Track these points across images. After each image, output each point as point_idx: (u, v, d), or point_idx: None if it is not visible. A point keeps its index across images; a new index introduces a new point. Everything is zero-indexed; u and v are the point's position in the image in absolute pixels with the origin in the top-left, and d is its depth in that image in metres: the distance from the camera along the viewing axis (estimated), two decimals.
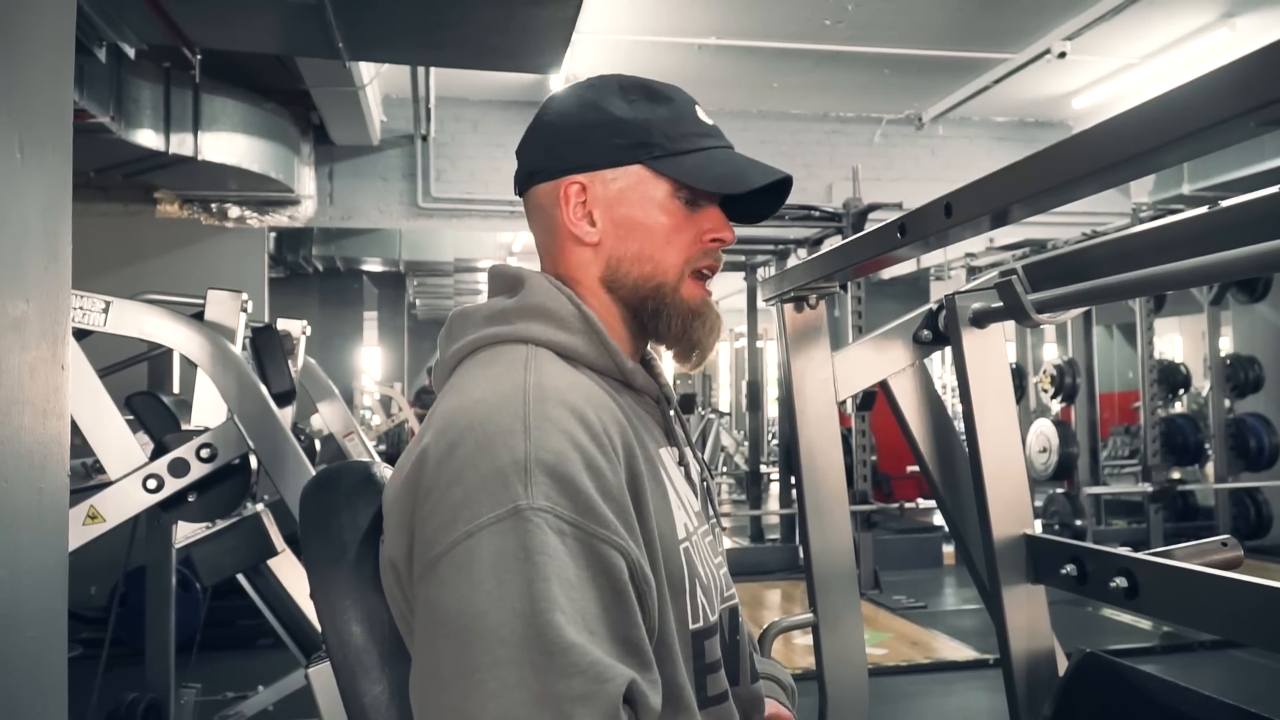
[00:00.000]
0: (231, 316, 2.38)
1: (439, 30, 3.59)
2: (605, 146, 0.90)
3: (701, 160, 0.91)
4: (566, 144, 0.92)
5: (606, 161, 0.91)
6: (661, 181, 0.91)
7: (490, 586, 0.66)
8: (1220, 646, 4.38)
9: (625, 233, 0.91)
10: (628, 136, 0.90)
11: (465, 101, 6.56)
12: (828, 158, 7.02)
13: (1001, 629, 1.48)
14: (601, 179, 0.91)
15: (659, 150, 0.90)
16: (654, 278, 0.91)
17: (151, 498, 2.00)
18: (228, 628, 4.35)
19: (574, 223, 0.91)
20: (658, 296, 0.91)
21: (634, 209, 0.91)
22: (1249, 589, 1.08)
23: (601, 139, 0.91)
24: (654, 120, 0.91)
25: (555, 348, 0.87)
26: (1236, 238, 1.05)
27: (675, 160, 0.90)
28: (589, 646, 0.65)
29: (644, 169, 0.90)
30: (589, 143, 0.91)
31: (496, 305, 0.90)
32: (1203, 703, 1.19)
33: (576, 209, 0.91)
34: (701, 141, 0.93)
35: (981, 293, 1.49)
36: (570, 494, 0.71)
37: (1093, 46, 5.59)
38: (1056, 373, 6.79)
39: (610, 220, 0.91)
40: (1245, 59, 0.61)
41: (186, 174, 5.43)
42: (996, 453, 1.49)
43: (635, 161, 0.90)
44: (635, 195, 0.91)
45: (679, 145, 0.91)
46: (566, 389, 0.81)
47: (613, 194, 0.91)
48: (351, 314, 10.31)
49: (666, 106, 0.93)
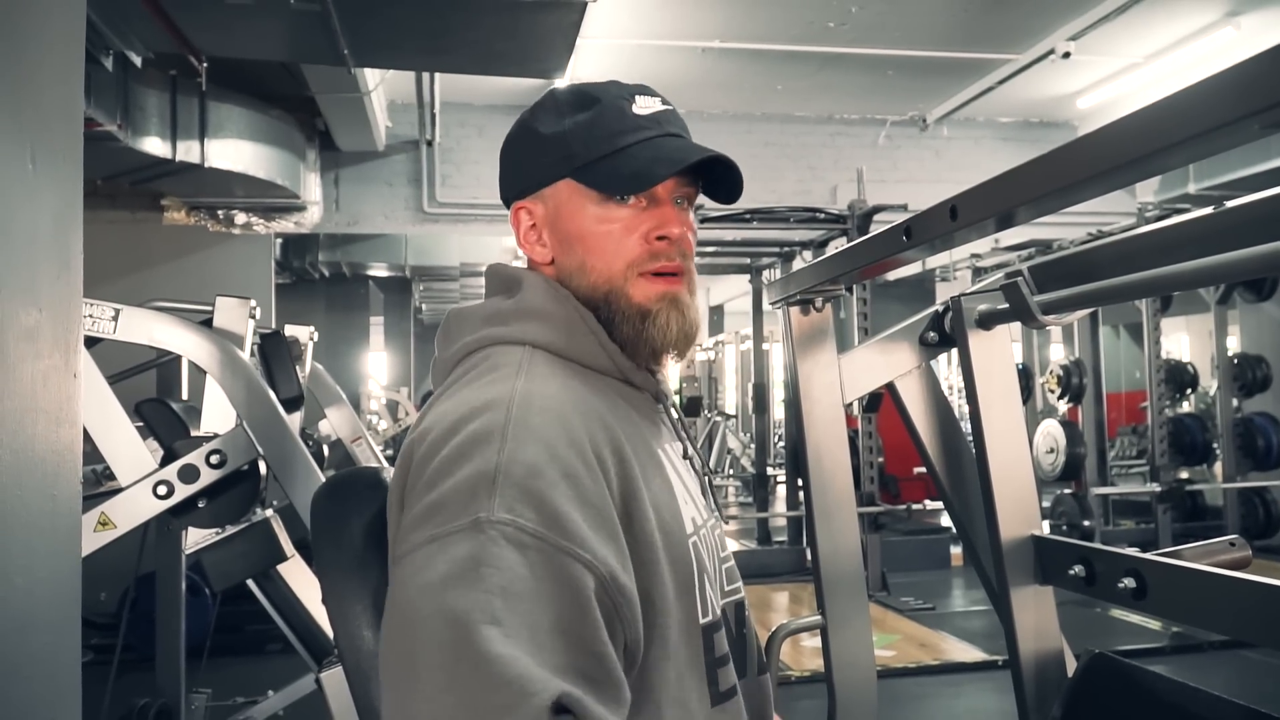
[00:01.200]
0: (240, 323, 2.39)
1: (444, 36, 3.60)
2: (534, 167, 0.93)
3: (618, 161, 0.90)
4: (510, 170, 0.97)
5: (537, 181, 0.93)
6: (589, 190, 0.91)
7: (436, 593, 0.67)
8: (1229, 647, 4.36)
9: (567, 247, 0.92)
10: (550, 153, 0.92)
11: (470, 107, 6.58)
12: (832, 160, 7.02)
13: (1010, 630, 1.48)
14: (542, 198, 0.93)
15: (579, 160, 0.91)
16: (600, 286, 0.91)
17: (162, 504, 2.01)
18: (237, 633, 4.36)
19: (528, 246, 0.94)
20: (608, 303, 0.91)
21: (569, 223, 0.92)
22: (1257, 589, 1.08)
23: (531, 160, 0.93)
24: (573, 130, 0.91)
25: (553, 349, 0.88)
26: (1243, 238, 1.05)
27: (594, 167, 0.90)
28: (518, 659, 0.64)
29: (571, 182, 0.91)
30: (523, 166, 0.94)
31: (494, 306, 0.92)
32: (1212, 703, 1.19)
33: (528, 233, 0.94)
34: (624, 139, 0.90)
35: (988, 294, 1.49)
36: (536, 505, 0.71)
37: (1097, 46, 5.59)
38: (1063, 373, 6.78)
39: (555, 237, 0.93)
40: (1250, 61, 0.61)
41: (193, 181, 5.45)
42: (1003, 454, 1.49)
43: (561, 176, 0.92)
44: (568, 209, 0.92)
45: (598, 150, 0.90)
46: (554, 395, 0.81)
47: (551, 211, 0.93)
48: (358, 319, 10.34)
49: (589, 111, 0.92)
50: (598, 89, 0.94)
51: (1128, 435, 8.75)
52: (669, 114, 0.94)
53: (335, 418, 3.65)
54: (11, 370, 0.98)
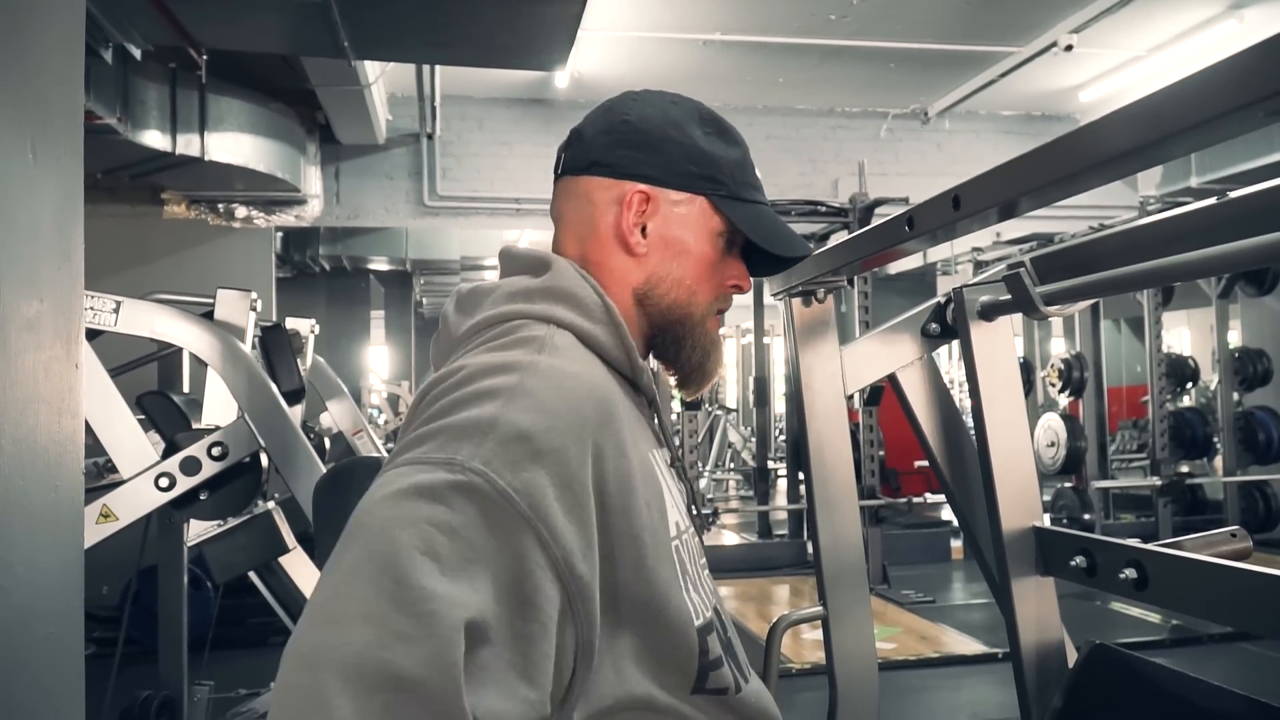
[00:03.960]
0: (241, 315, 2.39)
1: (444, 29, 3.59)
2: (680, 168, 0.92)
3: (756, 213, 0.95)
4: (644, 150, 0.92)
5: (677, 183, 0.93)
6: (717, 218, 0.94)
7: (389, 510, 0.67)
8: (1230, 639, 4.37)
9: (673, 255, 0.93)
10: (702, 167, 0.93)
11: (470, 100, 6.57)
12: (833, 153, 7.01)
13: (1011, 622, 1.48)
14: (666, 197, 0.93)
15: (724, 190, 0.93)
16: (686, 306, 0.94)
17: (164, 496, 2.02)
18: (239, 626, 4.37)
19: (630, 230, 0.92)
20: (685, 324, 0.94)
21: (687, 235, 0.93)
22: (1259, 579, 1.08)
23: (679, 159, 0.92)
24: (726, 160, 0.94)
25: (577, 332, 0.86)
26: (1245, 229, 1.05)
27: (734, 205, 0.94)
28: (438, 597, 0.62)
29: (706, 202, 0.93)
30: (666, 158, 0.92)
31: (519, 284, 0.89)
32: (1213, 693, 1.19)
33: (637, 216, 0.92)
34: (757, 195, 0.97)
35: (989, 285, 1.49)
36: (512, 467, 0.70)
37: (1100, 39, 5.58)
38: (1064, 366, 6.77)
39: (661, 238, 0.93)
40: (1253, 49, 0.61)
41: (193, 175, 5.45)
42: (1005, 445, 1.49)
43: (702, 193, 0.93)
44: (693, 223, 0.93)
45: (741, 192, 0.95)
46: (572, 375, 0.80)
47: (672, 215, 0.93)
48: (358, 313, 10.33)
49: (737, 151, 0.96)
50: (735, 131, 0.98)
51: (1128, 429, 8.75)
52: None
53: (336, 410, 3.65)
54: (13, 361, 0.98)
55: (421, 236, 8.92)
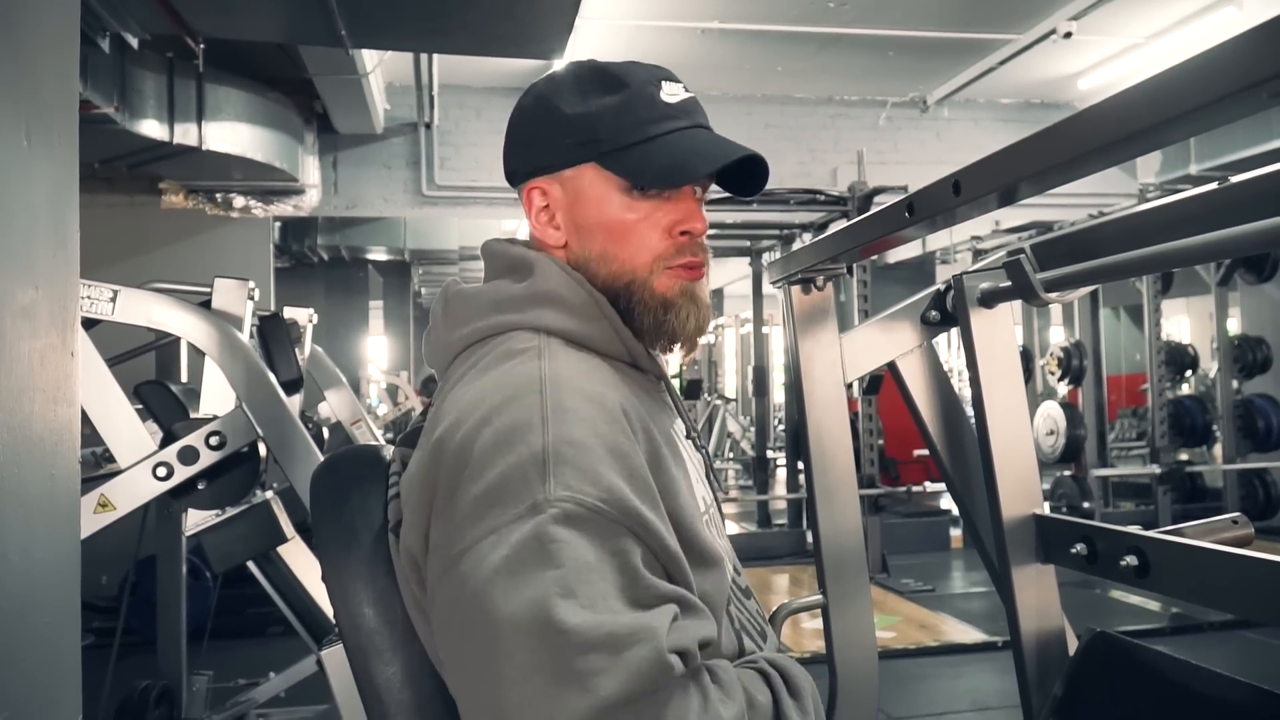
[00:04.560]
0: (239, 304, 2.38)
1: (442, 17, 3.57)
2: (556, 147, 0.89)
3: (649, 151, 0.87)
4: (525, 146, 0.91)
5: (560, 162, 0.89)
6: (614, 178, 0.88)
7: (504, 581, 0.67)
8: (1230, 627, 4.38)
9: (586, 234, 0.89)
10: (575, 135, 0.88)
11: (468, 89, 6.55)
12: (832, 141, 6.99)
13: (1011, 609, 1.48)
14: (560, 180, 0.90)
15: (606, 145, 0.87)
16: (622, 276, 0.89)
17: (162, 485, 2.01)
18: (239, 616, 4.37)
19: (539, 228, 0.91)
20: (628, 293, 0.89)
21: (590, 209, 0.89)
22: (1260, 565, 1.08)
23: (552, 139, 0.89)
24: (600, 114, 0.87)
25: (567, 335, 0.85)
26: (1245, 214, 1.04)
27: (621, 154, 0.87)
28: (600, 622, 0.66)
29: (596, 166, 0.88)
30: (542, 144, 0.90)
31: (503, 291, 0.87)
32: (1214, 680, 1.19)
33: (540, 214, 0.90)
34: (654, 128, 0.88)
35: (989, 273, 1.48)
36: (593, 480, 0.71)
37: (1099, 26, 5.55)
38: (1064, 355, 6.77)
39: (571, 222, 0.90)
40: (1257, 30, 0.60)
41: (191, 164, 5.43)
42: (1005, 433, 1.49)
43: (585, 160, 0.88)
44: (590, 194, 0.89)
45: (627, 137, 0.87)
46: (582, 376, 0.80)
47: (570, 195, 0.89)
48: (357, 303, 10.33)
49: (617, 95, 0.88)
50: (622, 70, 0.90)
51: (1128, 417, 8.76)
52: (694, 102, 0.92)
53: (335, 400, 3.65)
54: (8, 349, 0.97)
55: (420, 226, 8.91)
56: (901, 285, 8.07)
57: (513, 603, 0.66)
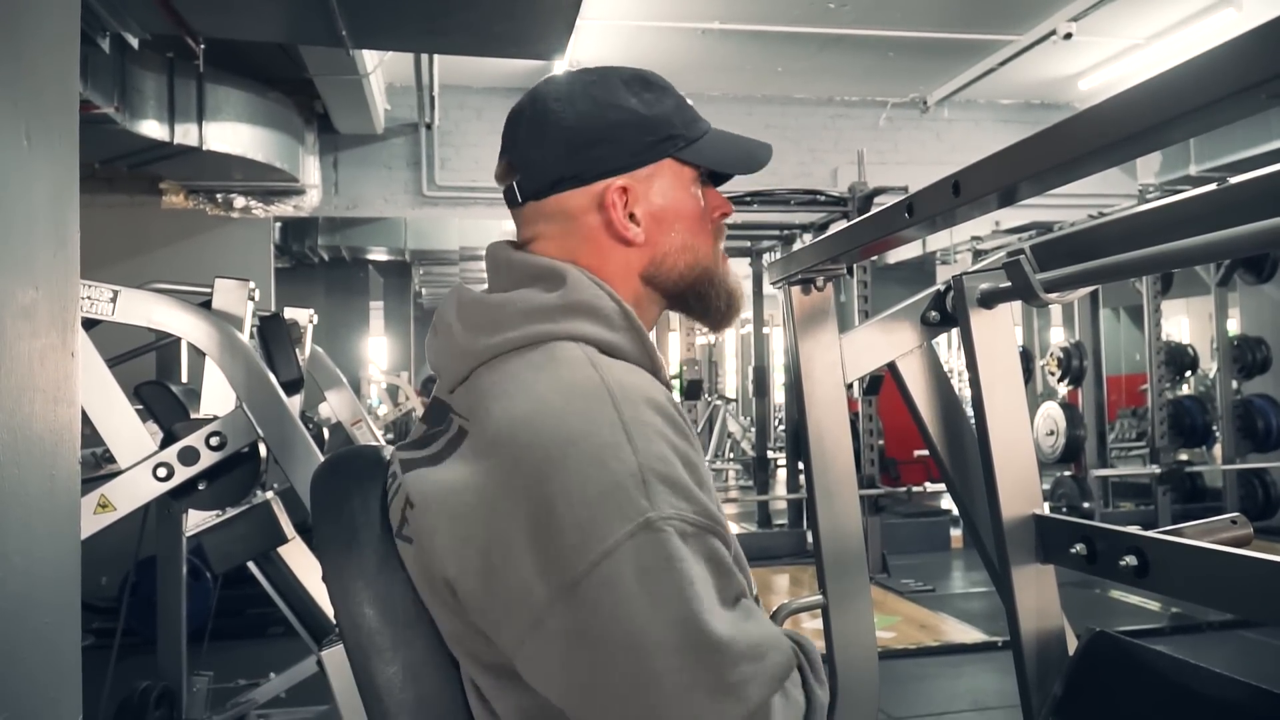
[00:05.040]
0: (239, 305, 2.38)
1: (443, 17, 3.57)
2: (639, 145, 0.92)
3: (714, 143, 0.96)
4: (600, 145, 0.91)
5: (642, 159, 0.92)
6: (686, 170, 0.94)
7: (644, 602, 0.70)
8: (1229, 627, 4.38)
9: (667, 227, 0.93)
10: (655, 132, 0.92)
11: (469, 89, 6.55)
12: (832, 142, 6.99)
13: (1011, 609, 1.48)
14: (637, 178, 0.92)
15: (682, 141, 0.93)
16: (698, 264, 0.95)
17: (162, 486, 2.01)
18: (238, 616, 4.37)
19: (624, 225, 0.91)
20: (705, 280, 0.95)
21: (670, 202, 0.93)
22: (1261, 566, 1.08)
23: (633, 138, 0.91)
24: (669, 112, 0.94)
25: (602, 345, 0.86)
26: (1246, 214, 1.04)
27: (695, 148, 0.94)
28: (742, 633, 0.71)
29: (671, 161, 0.93)
30: (623, 143, 0.91)
31: (535, 301, 0.86)
32: (1214, 680, 1.19)
33: (622, 212, 0.91)
34: (703, 125, 0.96)
35: (989, 273, 1.48)
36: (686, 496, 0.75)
37: (1099, 27, 5.55)
38: (1063, 355, 6.77)
39: (651, 217, 0.92)
40: (1256, 31, 0.60)
41: (191, 164, 5.43)
42: (1005, 433, 1.49)
43: (665, 156, 0.93)
44: (670, 189, 0.93)
45: (694, 131, 0.94)
46: (642, 385, 0.82)
47: (651, 191, 0.92)
48: (357, 303, 10.33)
49: (671, 96, 0.95)
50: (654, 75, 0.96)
51: (1127, 418, 8.76)
52: None
53: (335, 401, 3.65)
54: (8, 348, 0.97)
55: (420, 227, 8.91)
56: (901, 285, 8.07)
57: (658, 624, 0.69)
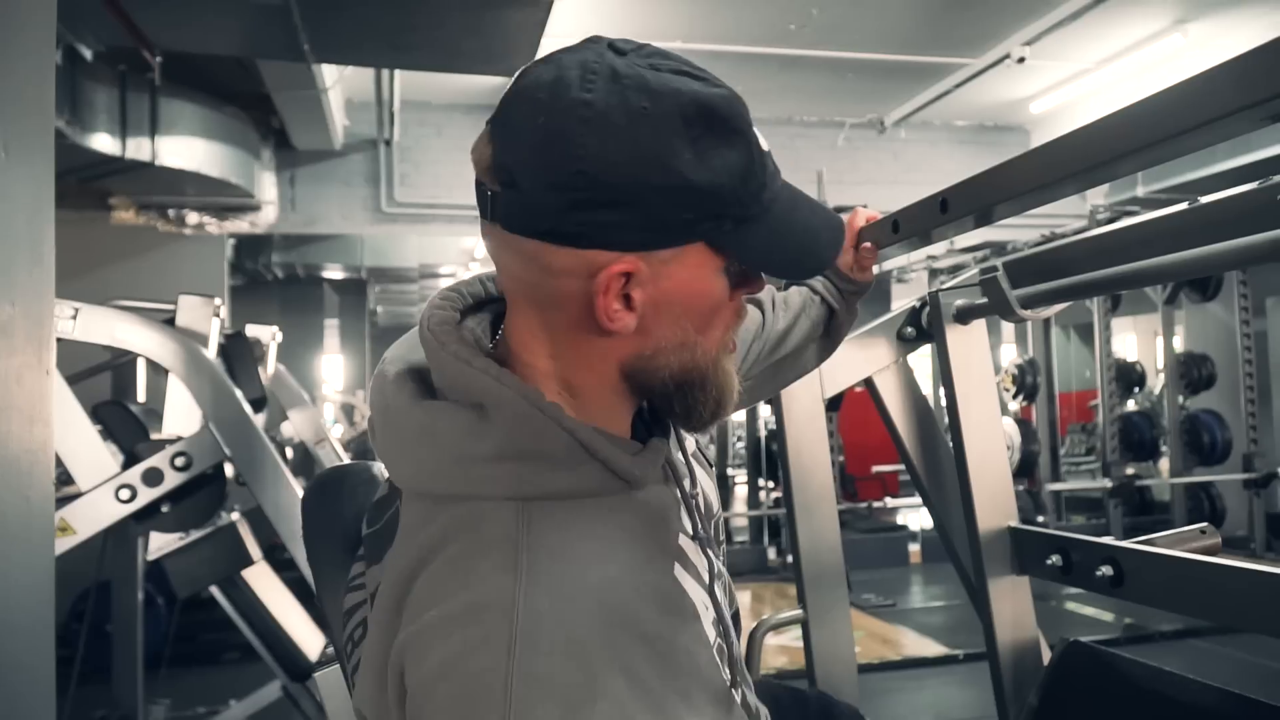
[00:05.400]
0: (204, 322, 2.34)
1: (408, 33, 3.56)
2: (668, 219, 0.67)
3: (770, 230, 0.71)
4: (615, 210, 0.65)
5: (666, 240, 0.68)
6: (718, 257, 0.70)
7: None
8: (1181, 635, 4.47)
9: (669, 319, 0.70)
10: (697, 209, 0.67)
11: (429, 105, 6.53)
12: (792, 162, 7.08)
13: (987, 621, 1.50)
14: (651, 259, 0.68)
15: (729, 223, 0.68)
16: (694, 362, 0.72)
17: (125, 508, 1.96)
18: (191, 642, 4.26)
19: (610, 315, 0.68)
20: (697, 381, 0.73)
21: (683, 291, 0.70)
22: (1234, 573, 1.10)
23: (665, 209, 0.66)
24: (727, 180, 0.67)
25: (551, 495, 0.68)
26: (1214, 234, 1.08)
27: (742, 233, 0.69)
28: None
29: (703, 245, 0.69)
30: (646, 214, 0.66)
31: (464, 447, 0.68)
32: (1187, 686, 1.22)
33: (616, 298, 0.68)
34: (765, 195, 0.71)
35: (964, 290, 1.51)
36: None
37: (1051, 51, 5.70)
38: (1018, 372, 6.90)
39: (653, 306, 0.69)
40: (1253, 54, 0.62)
41: (143, 179, 5.34)
42: (980, 446, 1.51)
43: (700, 239, 0.69)
44: (689, 277, 0.69)
45: (748, 209, 0.69)
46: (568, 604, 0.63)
47: (662, 276, 0.68)
48: (312, 322, 10.21)
49: (739, 148, 0.68)
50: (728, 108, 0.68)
51: (1077, 433, 8.93)
52: None
53: (298, 420, 3.59)
54: None
55: (378, 244, 8.84)
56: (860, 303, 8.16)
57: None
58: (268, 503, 1.99)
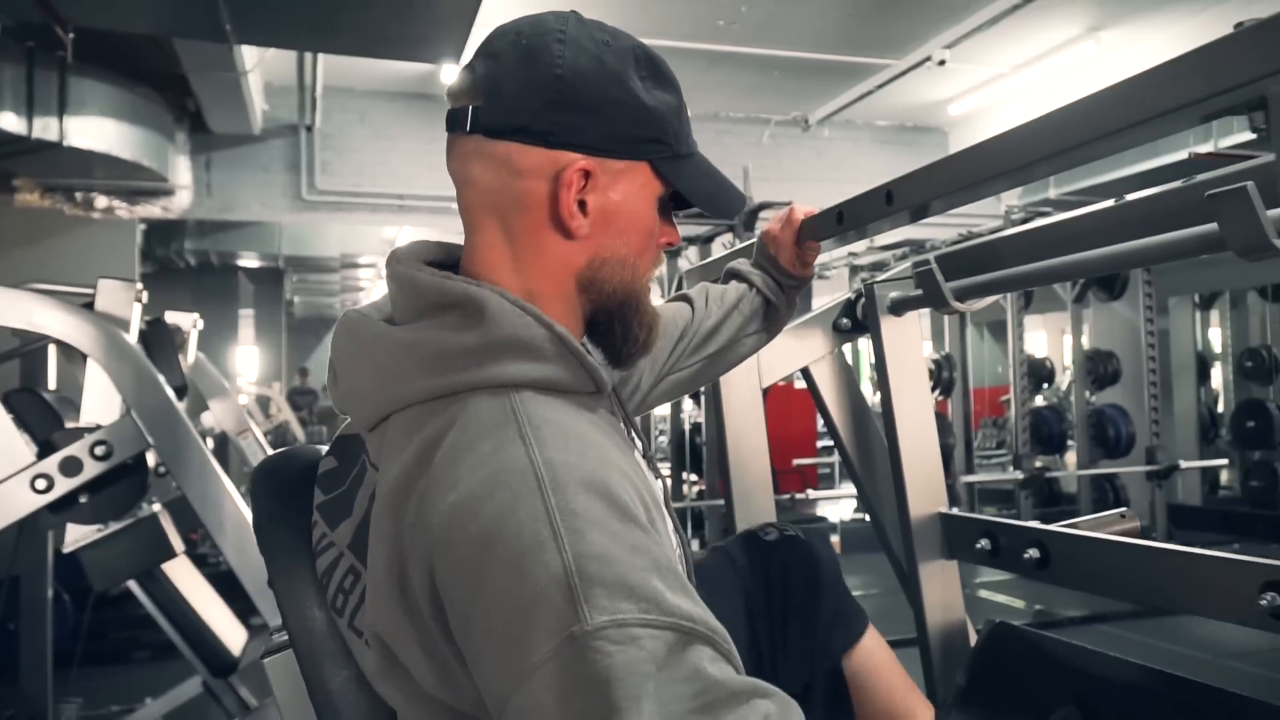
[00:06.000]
0: (125, 307, 2.25)
1: (333, 15, 3.49)
2: (623, 132, 0.78)
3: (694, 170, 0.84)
4: (583, 114, 0.77)
5: (620, 150, 0.79)
6: (655, 183, 0.82)
7: None
8: (1088, 621, 4.67)
9: (616, 231, 0.80)
10: (647, 129, 0.79)
11: (352, 92, 6.40)
12: (718, 157, 6.96)
13: (918, 605, 1.54)
14: (606, 166, 0.78)
15: (668, 151, 0.81)
16: (631, 284, 0.82)
17: (41, 499, 1.88)
18: (101, 640, 4.10)
19: (571, 212, 0.77)
20: (630, 304, 0.82)
21: (629, 206, 0.80)
22: (1154, 554, 1.16)
23: (622, 122, 0.78)
24: (668, 113, 0.81)
25: (535, 385, 0.73)
26: (1138, 230, 1.13)
27: (677, 165, 0.82)
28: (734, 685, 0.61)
29: (646, 166, 0.81)
30: (608, 122, 0.78)
31: (450, 343, 0.73)
32: (1109, 664, 1.28)
33: (574, 196, 0.77)
34: (692, 143, 0.85)
35: (899, 282, 1.55)
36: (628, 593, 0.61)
37: (970, 55, 5.88)
38: (934, 367, 7.09)
39: (602, 213, 0.79)
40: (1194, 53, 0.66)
41: (50, 161, 5.12)
42: (913, 435, 1.56)
43: (646, 159, 0.80)
44: (635, 192, 0.80)
45: (682, 147, 0.82)
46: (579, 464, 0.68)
47: (613, 186, 0.79)
48: (227, 311, 9.94)
49: (674, 96, 0.83)
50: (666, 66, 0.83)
51: (988, 427, 9.23)
52: None
53: (219, 410, 3.48)
54: None
55: (297, 232, 8.63)
56: None
57: None
58: (194, 494, 1.93)
